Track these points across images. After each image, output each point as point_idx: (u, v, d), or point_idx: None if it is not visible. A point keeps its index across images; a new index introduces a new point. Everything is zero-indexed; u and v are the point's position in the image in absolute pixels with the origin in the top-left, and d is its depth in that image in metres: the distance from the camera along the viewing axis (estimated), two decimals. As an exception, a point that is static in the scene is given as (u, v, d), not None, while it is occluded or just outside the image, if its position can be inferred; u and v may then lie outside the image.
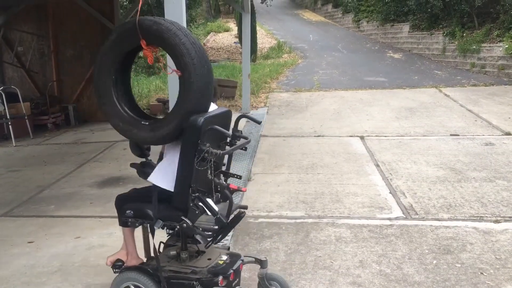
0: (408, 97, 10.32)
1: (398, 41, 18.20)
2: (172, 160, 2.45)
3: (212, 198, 2.45)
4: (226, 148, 2.62)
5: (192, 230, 2.44)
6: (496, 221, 4.06)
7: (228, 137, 2.55)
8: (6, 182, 5.93)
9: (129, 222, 2.57)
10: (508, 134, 7.05)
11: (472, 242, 3.69)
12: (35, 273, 3.42)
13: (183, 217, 2.39)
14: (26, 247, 3.88)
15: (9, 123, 8.13)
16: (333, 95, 11.13)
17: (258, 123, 2.98)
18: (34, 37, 10.20)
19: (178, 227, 2.44)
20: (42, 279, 3.32)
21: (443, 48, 14.65)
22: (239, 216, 2.61)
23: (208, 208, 2.39)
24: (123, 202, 2.63)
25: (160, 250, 2.75)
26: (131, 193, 2.71)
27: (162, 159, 2.65)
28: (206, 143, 2.29)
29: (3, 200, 5.15)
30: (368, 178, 5.41)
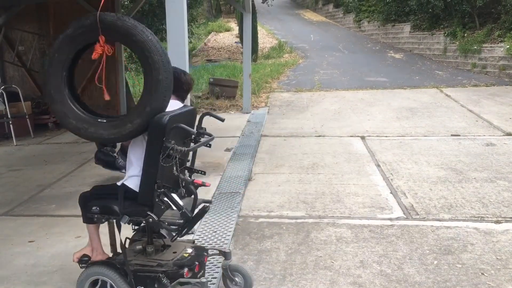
0: (409, 97, 10.32)
1: (399, 41, 18.20)
2: (138, 164, 2.52)
3: (177, 194, 2.53)
4: (191, 145, 2.69)
5: (158, 225, 2.53)
6: (497, 222, 4.06)
7: (193, 135, 2.62)
8: (6, 181, 5.92)
9: (95, 218, 2.62)
10: (509, 134, 7.04)
11: (473, 243, 3.68)
12: (35, 272, 3.42)
13: (149, 212, 2.46)
14: (27, 247, 3.88)
15: (10, 122, 8.12)
16: (334, 95, 11.13)
17: (222, 120, 3.09)
18: (35, 37, 10.19)
19: (144, 222, 2.51)
20: (42, 279, 3.32)
21: (444, 48, 14.65)
22: (204, 210, 2.68)
23: (174, 203, 2.48)
24: (87, 199, 2.67)
25: (126, 246, 2.79)
26: (95, 190, 2.76)
27: (123, 150, 2.67)
28: (171, 141, 2.34)
29: (4, 200, 5.15)
30: (369, 178, 5.40)
